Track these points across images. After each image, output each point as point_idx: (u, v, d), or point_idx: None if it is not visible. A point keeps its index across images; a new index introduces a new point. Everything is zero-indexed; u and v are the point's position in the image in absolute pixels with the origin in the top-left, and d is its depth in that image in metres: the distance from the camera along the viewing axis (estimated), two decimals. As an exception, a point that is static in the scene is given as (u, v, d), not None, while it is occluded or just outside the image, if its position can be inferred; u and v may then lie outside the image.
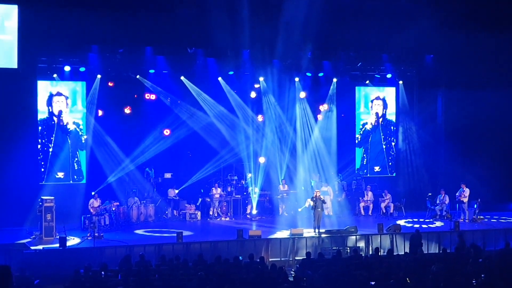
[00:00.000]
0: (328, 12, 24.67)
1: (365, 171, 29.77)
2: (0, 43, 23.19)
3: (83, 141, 26.14)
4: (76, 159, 26.09)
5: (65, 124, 25.95)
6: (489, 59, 27.42)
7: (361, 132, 29.96)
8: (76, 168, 26.12)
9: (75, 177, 26.08)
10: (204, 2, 24.04)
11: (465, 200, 25.53)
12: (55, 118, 25.85)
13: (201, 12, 24.38)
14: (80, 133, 26.14)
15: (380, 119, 30.10)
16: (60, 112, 25.87)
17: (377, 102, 30.04)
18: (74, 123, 26.10)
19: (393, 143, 30.24)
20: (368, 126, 29.99)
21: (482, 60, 27.41)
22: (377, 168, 30.04)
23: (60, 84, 25.80)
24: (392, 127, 30.28)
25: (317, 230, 22.46)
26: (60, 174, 25.81)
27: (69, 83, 25.96)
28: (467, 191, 25.55)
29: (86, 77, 26.08)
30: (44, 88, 25.64)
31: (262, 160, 27.47)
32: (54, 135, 25.80)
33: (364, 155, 29.98)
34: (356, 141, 29.94)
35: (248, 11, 24.25)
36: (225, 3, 24.21)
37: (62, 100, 25.90)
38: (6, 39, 23.18)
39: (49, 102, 25.79)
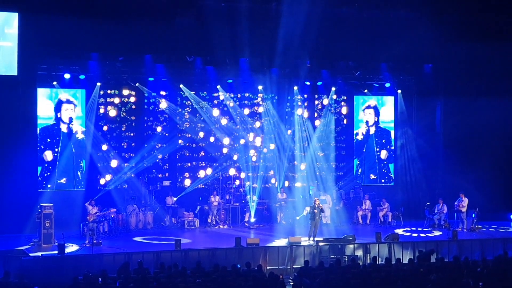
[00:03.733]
0: (327, 21, 24.76)
1: (358, 181, 29.80)
2: (1, 50, 23.24)
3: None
4: (79, 167, 26.12)
5: (74, 132, 26.03)
6: (487, 68, 27.51)
7: (354, 143, 30.03)
8: (79, 176, 26.16)
9: (79, 187, 26.16)
10: (203, 11, 24.18)
11: (464, 209, 25.55)
12: (62, 125, 25.91)
13: (200, 21, 24.49)
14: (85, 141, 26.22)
15: (373, 127, 30.18)
16: (71, 119, 25.97)
17: (369, 111, 30.13)
18: (82, 132, 26.17)
19: (388, 152, 30.33)
20: (359, 137, 30.06)
21: (481, 69, 27.52)
22: (372, 176, 30.11)
23: (67, 92, 25.89)
24: (389, 135, 30.36)
25: (312, 238, 22.50)
26: (63, 180, 25.82)
27: (70, 90, 26.06)
28: (465, 201, 25.58)
29: (86, 85, 26.16)
30: (48, 94, 25.73)
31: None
32: (60, 142, 25.83)
33: (359, 165, 30.02)
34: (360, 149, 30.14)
35: (247, 20, 24.32)
36: (224, 12, 24.34)
37: (72, 108, 25.98)
38: (7, 46, 23.25)
39: (58, 109, 25.86)
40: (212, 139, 27.74)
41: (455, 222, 25.75)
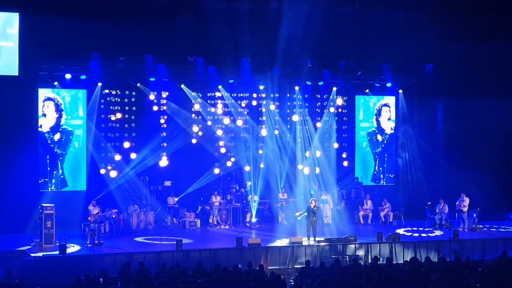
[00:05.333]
0: (328, 21, 24.75)
1: (366, 181, 29.83)
2: (3, 50, 23.25)
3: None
4: (55, 166, 26.02)
5: (43, 130, 25.86)
6: (489, 68, 27.50)
7: (385, 141, 30.19)
8: (55, 175, 26.04)
9: (58, 187, 26.05)
10: (204, 11, 24.19)
11: (465, 209, 25.53)
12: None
13: (201, 21, 24.51)
14: (62, 140, 26.08)
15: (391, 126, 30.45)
16: (44, 115, 25.82)
17: (386, 109, 30.23)
18: (60, 130, 26.08)
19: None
20: (389, 131, 30.20)
21: (482, 70, 27.51)
22: (391, 175, 30.22)
23: (55, 91, 25.85)
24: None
25: (311, 239, 22.50)
26: (42, 180, 25.75)
27: (70, 90, 26.07)
28: (466, 200, 25.57)
29: (87, 85, 26.18)
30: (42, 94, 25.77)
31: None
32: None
33: (379, 165, 30.13)
34: (379, 149, 30.14)
35: (248, 20, 24.34)
36: (225, 12, 24.35)
37: (49, 104, 25.84)
38: (9, 46, 23.24)
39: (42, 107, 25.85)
40: (213, 139, 27.73)
41: (456, 222, 25.74)
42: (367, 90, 29.77)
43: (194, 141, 27.63)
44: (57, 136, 26.01)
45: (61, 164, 26.00)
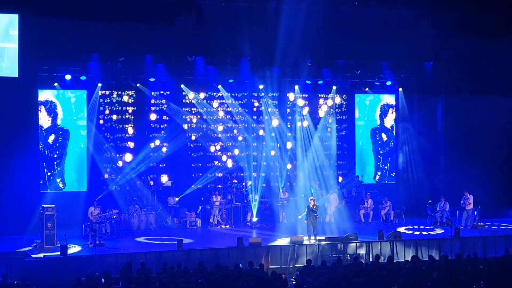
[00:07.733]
0: (327, 20, 24.76)
1: (369, 180, 29.88)
2: (6, 51, 23.20)
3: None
4: (56, 167, 26.02)
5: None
6: (488, 65, 27.51)
7: (392, 142, 30.26)
8: (55, 175, 26.00)
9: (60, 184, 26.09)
10: (204, 11, 24.21)
11: (470, 207, 25.54)
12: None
13: (201, 21, 24.52)
14: (59, 141, 26.06)
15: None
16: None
17: (392, 110, 30.27)
18: (55, 131, 26.03)
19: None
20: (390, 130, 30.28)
21: (482, 67, 27.52)
22: (392, 174, 30.26)
23: (44, 92, 25.78)
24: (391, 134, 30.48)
25: (312, 238, 22.51)
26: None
27: (75, 91, 26.09)
28: (471, 198, 25.58)
29: (87, 86, 26.17)
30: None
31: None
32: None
33: (382, 163, 30.22)
34: (387, 149, 30.21)
35: (247, 20, 24.34)
36: (224, 12, 24.37)
37: (41, 108, 25.67)
38: (11, 48, 23.17)
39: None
40: (213, 138, 27.74)
41: (458, 219, 25.75)
42: (366, 89, 29.77)
43: (192, 141, 27.66)
44: (52, 138, 25.96)
45: (60, 165, 25.97)
